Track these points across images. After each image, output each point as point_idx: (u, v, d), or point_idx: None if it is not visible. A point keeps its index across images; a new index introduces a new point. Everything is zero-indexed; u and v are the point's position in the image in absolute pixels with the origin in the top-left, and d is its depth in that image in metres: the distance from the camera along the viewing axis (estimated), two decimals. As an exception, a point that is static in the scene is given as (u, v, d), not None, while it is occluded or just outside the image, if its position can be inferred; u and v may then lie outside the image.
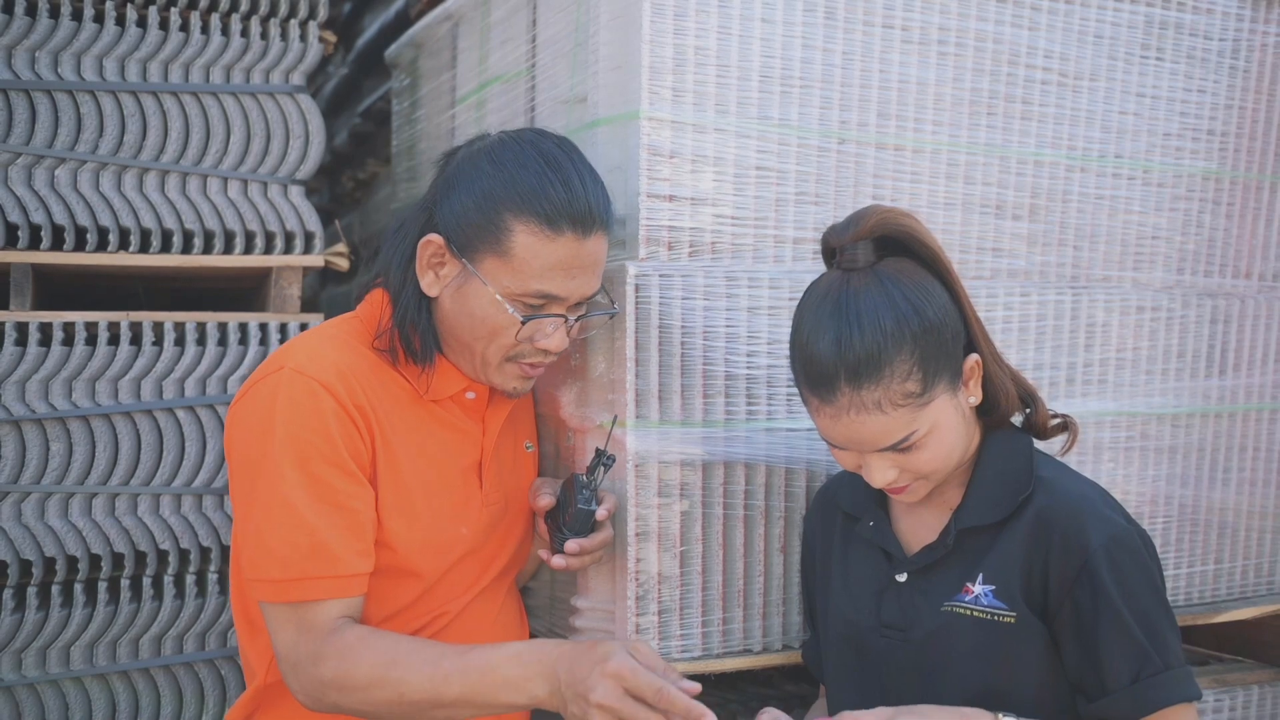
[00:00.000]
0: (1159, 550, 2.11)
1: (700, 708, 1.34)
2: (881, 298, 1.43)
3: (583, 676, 1.38)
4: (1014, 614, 1.47)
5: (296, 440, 1.52)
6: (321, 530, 1.51)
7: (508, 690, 1.44)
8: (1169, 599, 1.51)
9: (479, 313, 1.59)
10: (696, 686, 1.38)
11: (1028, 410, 1.60)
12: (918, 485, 1.51)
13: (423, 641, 1.53)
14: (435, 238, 1.60)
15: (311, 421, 1.52)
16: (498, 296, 1.57)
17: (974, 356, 1.50)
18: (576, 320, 1.63)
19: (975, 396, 1.51)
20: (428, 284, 1.62)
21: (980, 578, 1.50)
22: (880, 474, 1.48)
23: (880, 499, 1.63)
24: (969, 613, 1.50)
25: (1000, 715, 1.42)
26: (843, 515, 1.68)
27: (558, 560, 1.64)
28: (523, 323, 1.57)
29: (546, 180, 1.55)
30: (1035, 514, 1.49)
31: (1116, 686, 1.44)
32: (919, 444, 1.45)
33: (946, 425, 1.47)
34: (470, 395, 1.70)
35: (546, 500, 1.70)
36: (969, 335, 1.51)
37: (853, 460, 1.50)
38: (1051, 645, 1.48)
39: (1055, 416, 1.61)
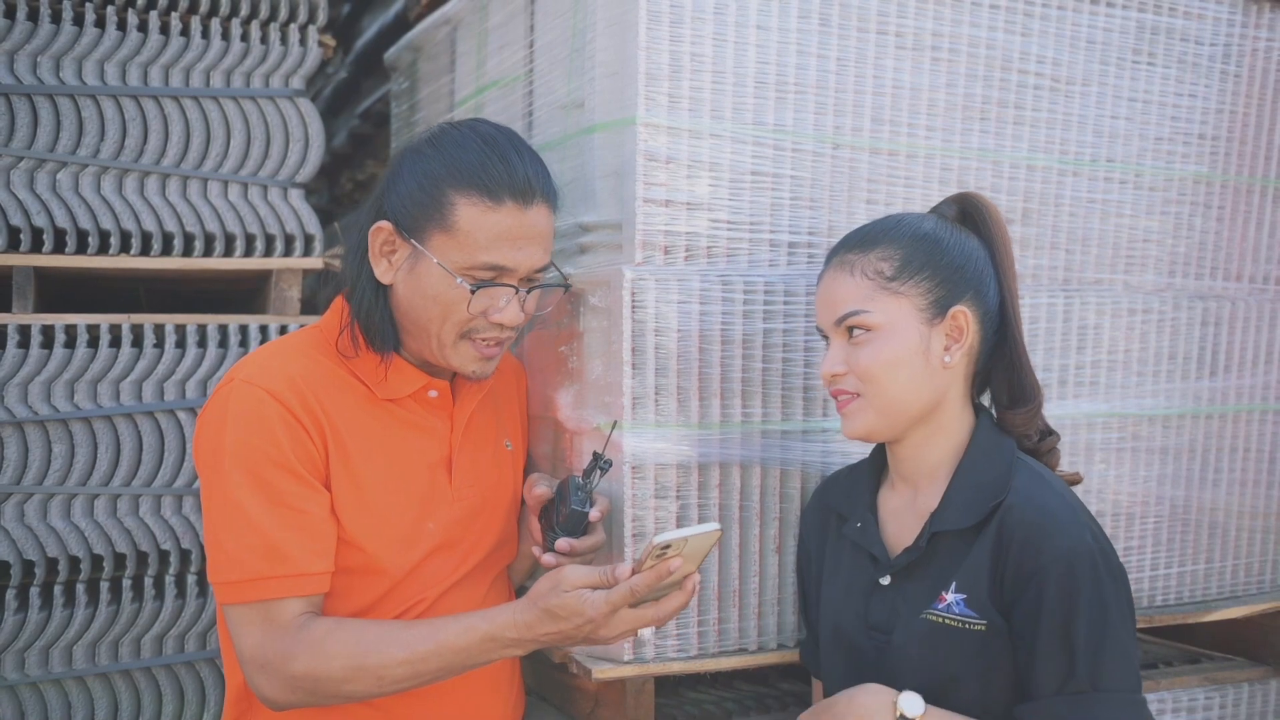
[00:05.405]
0: (1150, 551, 2.14)
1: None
2: (919, 218, 1.60)
3: (563, 617, 1.46)
4: (984, 622, 1.49)
5: (246, 448, 1.56)
6: (273, 532, 1.54)
7: (491, 647, 1.51)
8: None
9: (431, 291, 1.62)
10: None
11: (1041, 439, 1.63)
12: (859, 406, 1.55)
13: (390, 626, 1.56)
14: (384, 224, 1.64)
15: (259, 429, 1.56)
16: (447, 270, 1.60)
17: (961, 309, 1.54)
18: (528, 292, 1.66)
19: (951, 355, 1.54)
20: (382, 272, 1.65)
21: (954, 586, 1.52)
22: (831, 358, 1.56)
23: (870, 502, 1.66)
24: (942, 620, 1.52)
25: (903, 692, 1.45)
26: (836, 515, 1.71)
27: (549, 558, 1.67)
28: (472, 292, 1.60)
29: (485, 156, 1.61)
30: (1001, 521, 1.51)
31: (1039, 695, 1.45)
32: (866, 337, 1.53)
33: (899, 339, 1.52)
34: (433, 394, 1.73)
35: (542, 490, 1.73)
36: (1003, 308, 1.58)
37: (829, 361, 1.56)
38: None
39: (1071, 477, 1.65)
